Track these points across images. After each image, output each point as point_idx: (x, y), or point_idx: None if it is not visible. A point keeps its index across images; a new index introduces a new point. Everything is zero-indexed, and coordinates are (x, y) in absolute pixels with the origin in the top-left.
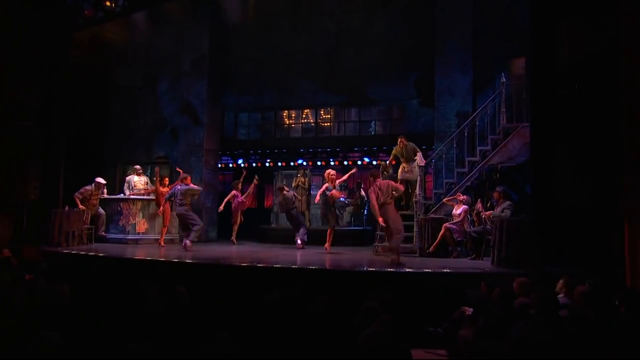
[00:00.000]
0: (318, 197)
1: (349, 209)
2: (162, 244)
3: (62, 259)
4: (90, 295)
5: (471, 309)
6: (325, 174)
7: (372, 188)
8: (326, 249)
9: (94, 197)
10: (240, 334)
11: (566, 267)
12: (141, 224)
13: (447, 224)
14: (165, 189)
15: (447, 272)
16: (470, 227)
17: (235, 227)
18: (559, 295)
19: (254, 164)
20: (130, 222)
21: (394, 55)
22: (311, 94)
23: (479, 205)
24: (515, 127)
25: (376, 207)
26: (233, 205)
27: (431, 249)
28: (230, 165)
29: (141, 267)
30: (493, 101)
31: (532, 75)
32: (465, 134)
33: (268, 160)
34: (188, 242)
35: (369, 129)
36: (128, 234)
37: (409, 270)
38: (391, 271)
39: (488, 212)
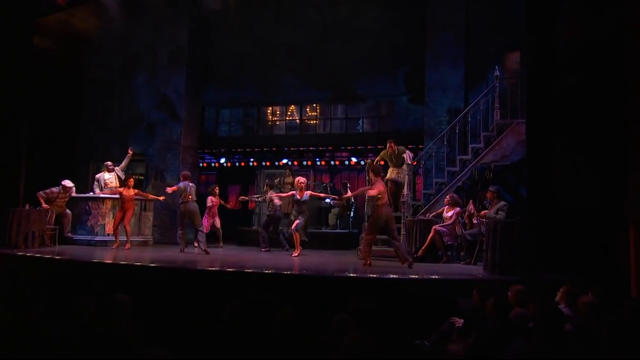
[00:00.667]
0: (277, 200)
1: (335, 210)
2: (125, 246)
3: (16, 262)
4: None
5: (462, 320)
6: (296, 181)
7: (380, 183)
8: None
9: (60, 199)
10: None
11: (566, 273)
12: (111, 225)
13: (436, 227)
14: (130, 193)
15: (435, 278)
16: (461, 230)
17: (220, 233)
18: (560, 306)
19: (237, 164)
20: (99, 223)
21: (383, 49)
22: (295, 89)
23: (470, 207)
24: (509, 124)
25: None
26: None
27: (419, 253)
28: (213, 164)
29: (98, 271)
30: (486, 97)
31: (529, 66)
32: (457, 131)
33: (252, 160)
34: (203, 245)
35: (357, 127)
36: (96, 235)
37: (394, 276)
38: (374, 277)
39: (483, 211)
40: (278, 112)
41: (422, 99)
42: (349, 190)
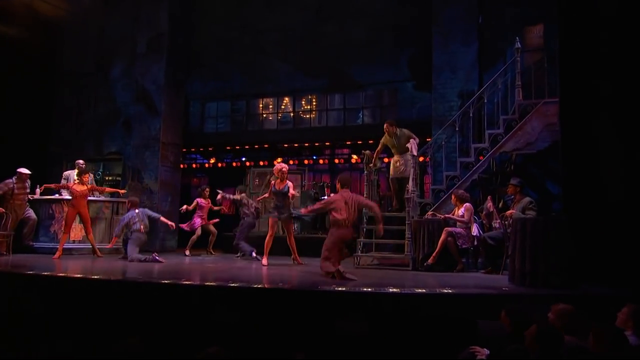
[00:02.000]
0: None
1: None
2: (99, 254)
3: None
4: None
5: (486, 352)
6: (275, 168)
7: (337, 195)
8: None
9: (18, 194)
10: None
11: (617, 286)
12: (77, 231)
13: (449, 228)
14: (82, 188)
15: (449, 292)
16: (479, 232)
17: (212, 238)
18: (627, 334)
19: (231, 164)
20: (62, 228)
21: (383, 29)
22: (287, 78)
23: (489, 205)
24: (534, 104)
25: (317, 209)
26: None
27: (429, 260)
28: (205, 165)
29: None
30: (505, 75)
31: (562, 22)
32: (471, 116)
33: (244, 159)
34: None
35: (357, 119)
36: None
37: (395, 290)
38: (369, 292)
39: (508, 212)
40: (271, 106)
41: (429, 85)
42: (308, 207)
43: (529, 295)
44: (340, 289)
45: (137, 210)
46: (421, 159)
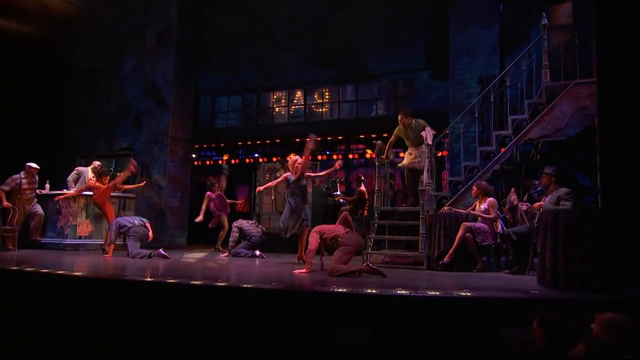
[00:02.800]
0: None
1: (344, 209)
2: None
3: None
4: None
5: None
6: (291, 161)
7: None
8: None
9: (26, 188)
10: None
11: None
12: (84, 226)
13: (467, 223)
14: (105, 187)
15: (468, 296)
16: (502, 227)
17: (222, 233)
18: None
19: (246, 160)
20: (70, 223)
21: (397, 16)
22: (298, 70)
23: (513, 197)
24: (564, 86)
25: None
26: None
27: (445, 258)
28: (220, 162)
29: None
30: (529, 57)
31: None
32: (492, 100)
33: (256, 155)
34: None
35: (370, 111)
36: (66, 237)
37: (404, 292)
38: (373, 295)
39: (537, 204)
40: (283, 100)
41: (446, 73)
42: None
43: (564, 301)
44: (340, 290)
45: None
46: (439, 154)
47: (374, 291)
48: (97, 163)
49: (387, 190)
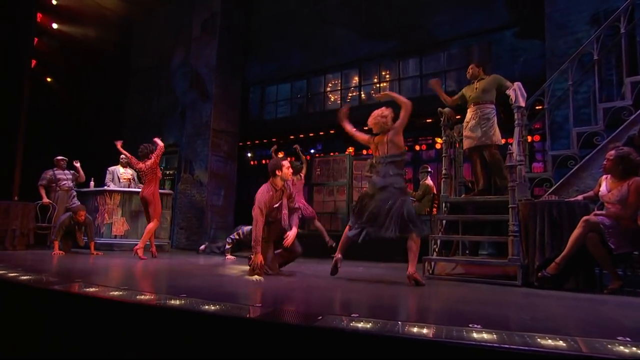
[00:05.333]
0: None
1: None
2: (141, 254)
3: None
4: None
5: None
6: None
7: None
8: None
9: (62, 178)
10: None
11: None
12: (119, 224)
13: (592, 217)
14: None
15: (620, 351)
16: None
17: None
18: None
19: (307, 157)
20: (105, 222)
21: None
22: (351, 46)
23: None
24: None
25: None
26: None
27: (549, 269)
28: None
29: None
30: None
31: None
32: (622, 35)
33: (312, 151)
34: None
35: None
36: (101, 236)
37: (485, 337)
38: (425, 338)
39: None
40: (337, 82)
41: (538, 28)
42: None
43: None
44: (363, 326)
45: None
46: (530, 138)
47: (425, 332)
48: (123, 156)
49: (460, 177)
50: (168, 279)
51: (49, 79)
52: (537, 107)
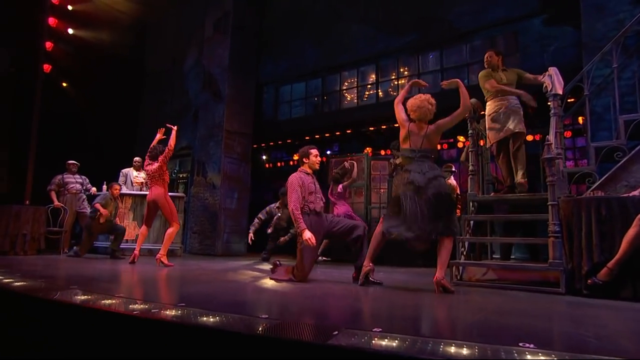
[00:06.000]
0: None
1: None
2: (166, 261)
3: None
4: None
5: None
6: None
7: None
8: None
9: (70, 181)
10: None
11: None
12: (131, 229)
13: None
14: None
15: None
16: None
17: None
18: None
19: (322, 158)
20: None
21: None
22: (367, 41)
23: None
24: None
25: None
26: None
27: (601, 275)
28: (291, 163)
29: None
30: None
31: None
32: None
33: (329, 152)
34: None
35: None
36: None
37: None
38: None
39: None
40: (354, 82)
41: (571, 12)
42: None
43: None
44: (388, 344)
45: None
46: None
47: (464, 352)
48: (136, 158)
49: (488, 175)
50: (170, 286)
51: (64, 84)
52: (569, 100)
